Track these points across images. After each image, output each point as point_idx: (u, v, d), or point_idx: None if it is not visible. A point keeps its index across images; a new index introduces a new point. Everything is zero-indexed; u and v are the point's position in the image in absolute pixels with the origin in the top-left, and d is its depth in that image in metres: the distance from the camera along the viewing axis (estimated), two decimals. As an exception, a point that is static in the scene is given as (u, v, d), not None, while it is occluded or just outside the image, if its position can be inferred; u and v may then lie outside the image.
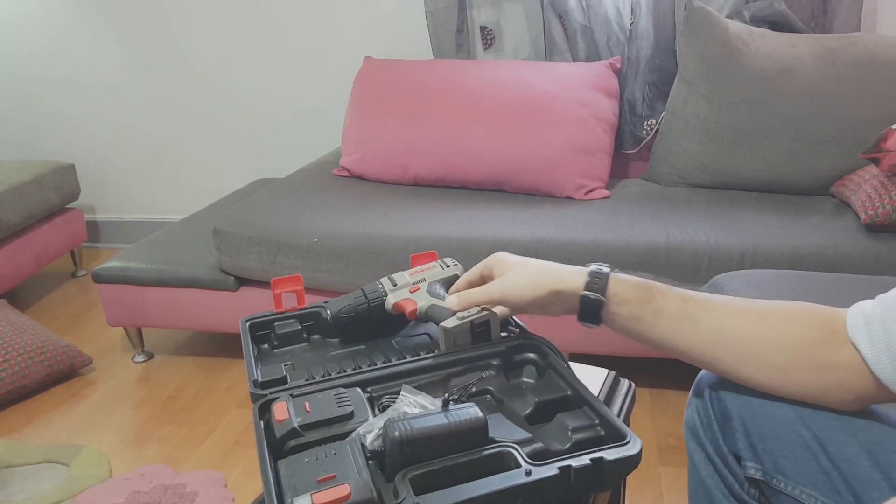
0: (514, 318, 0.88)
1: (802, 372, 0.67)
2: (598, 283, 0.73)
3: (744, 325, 0.69)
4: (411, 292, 0.89)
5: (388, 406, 0.70)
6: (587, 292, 0.73)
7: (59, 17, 2.78)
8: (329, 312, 0.89)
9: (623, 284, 0.73)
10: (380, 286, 0.90)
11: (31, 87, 2.90)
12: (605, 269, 0.74)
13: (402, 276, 0.91)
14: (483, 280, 0.83)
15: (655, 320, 0.71)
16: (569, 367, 0.77)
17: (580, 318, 0.75)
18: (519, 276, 0.77)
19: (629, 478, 0.84)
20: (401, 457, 0.60)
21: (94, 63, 2.82)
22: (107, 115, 2.89)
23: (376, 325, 0.90)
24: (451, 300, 0.82)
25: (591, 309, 0.73)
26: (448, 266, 0.94)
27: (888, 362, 0.63)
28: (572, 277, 0.74)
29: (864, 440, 0.65)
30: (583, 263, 0.77)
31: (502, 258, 0.81)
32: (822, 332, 0.67)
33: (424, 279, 0.91)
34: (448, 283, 0.92)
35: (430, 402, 0.68)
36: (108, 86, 2.84)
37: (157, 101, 2.83)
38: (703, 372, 0.79)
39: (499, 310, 0.83)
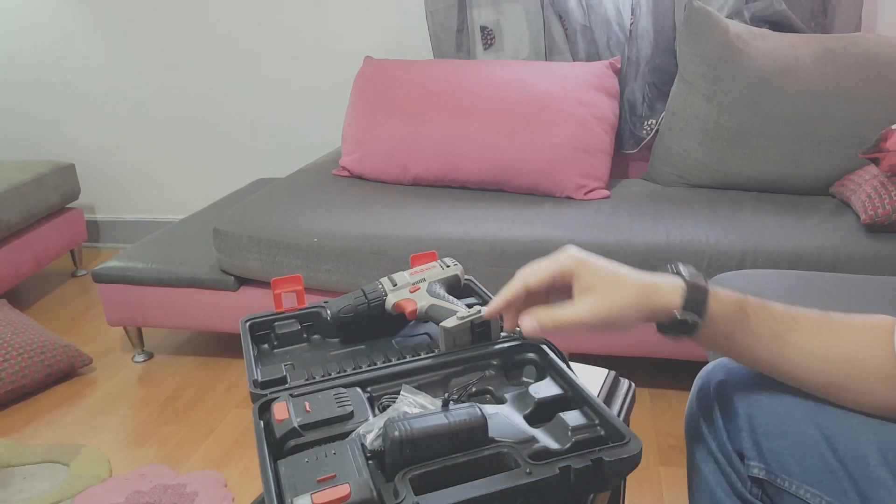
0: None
1: (879, 392, 0.65)
2: (696, 301, 0.66)
3: (829, 345, 0.66)
4: (411, 292, 0.89)
5: (388, 406, 0.70)
6: (687, 314, 0.65)
7: (59, 20, 2.78)
8: (329, 312, 0.89)
9: (720, 302, 0.67)
10: (380, 286, 0.90)
11: (31, 88, 2.90)
12: (702, 283, 0.67)
13: (402, 276, 0.91)
14: (554, 286, 0.69)
15: (746, 341, 0.67)
16: (569, 366, 0.77)
17: (666, 333, 0.68)
18: (619, 294, 0.66)
19: (629, 478, 0.84)
20: (401, 457, 0.60)
21: (94, 64, 2.82)
22: (107, 114, 2.89)
23: (376, 325, 0.90)
24: (529, 324, 0.68)
25: (687, 330, 0.66)
26: (448, 266, 0.94)
27: None
28: (670, 293, 0.66)
29: (873, 438, 0.64)
30: None
31: (587, 263, 0.68)
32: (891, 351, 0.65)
33: (424, 279, 0.91)
34: (448, 283, 0.92)
35: (430, 402, 0.68)
36: (108, 86, 2.84)
37: (158, 101, 2.83)
38: (706, 368, 0.79)
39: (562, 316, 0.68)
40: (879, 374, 0.64)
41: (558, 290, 0.69)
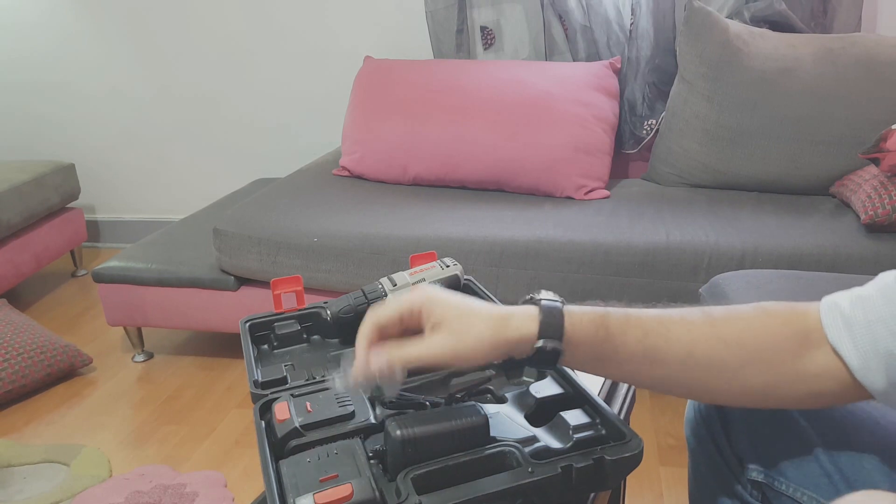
0: None
1: (778, 386, 0.62)
2: (552, 325, 0.61)
3: (712, 347, 0.62)
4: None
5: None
6: (543, 341, 0.60)
7: (60, 21, 2.78)
8: (329, 313, 0.89)
9: (578, 322, 0.62)
10: (380, 286, 0.90)
11: (32, 88, 2.90)
12: (556, 304, 0.62)
13: (402, 277, 0.91)
14: (404, 326, 0.64)
15: (616, 359, 0.62)
16: (570, 366, 0.77)
17: (533, 366, 0.65)
18: (466, 329, 0.61)
19: (629, 478, 0.84)
20: (402, 456, 0.60)
21: (94, 64, 2.82)
22: (107, 115, 2.89)
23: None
24: (379, 361, 0.61)
25: (548, 359, 0.61)
26: (448, 266, 0.94)
27: (876, 371, 0.58)
28: (525, 322, 0.61)
29: (869, 442, 0.65)
30: (582, 263, 0.73)
31: (437, 299, 0.63)
32: (797, 341, 0.61)
33: (424, 279, 0.91)
34: (448, 283, 0.92)
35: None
36: (109, 86, 2.84)
37: (158, 101, 2.83)
38: None
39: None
40: (775, 366, 0.61)
41: (411, 331, 0.64)
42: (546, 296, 0.63)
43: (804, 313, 0.63)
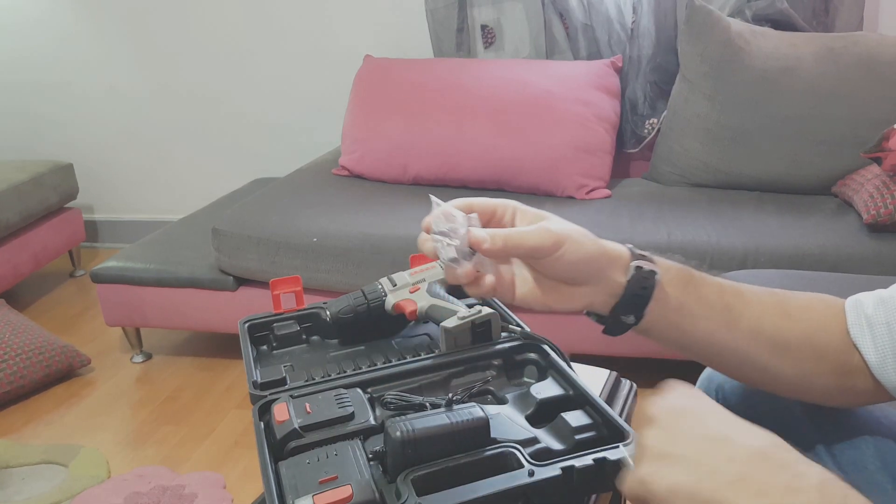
0: (515, 317, 0.87)
1: (826, 376, 0.63)
2: (644, 256, 0.61)
3: (779, 323, 0.62)
4: (411, 293, 0.88)
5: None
6: (641, 262, 0.60)
7: (59, 21, 2.78)
8: (328, 313, 0.89)
9: (664, 265, 0.62)
10: (379, 286, 0.89)
11: (30, 88, 2.90)
12: (648, 258, 0.62)
13: (402, 277, 0.90)
14: (494, 224, 0.63)
15: (699, 310, 0.61)
16: (570, 367, 0.77)
17: (620, 309, 0.61)
18: (569, 227, 0.59)
19: (631, 479, 0.83)
20: (402, 457, 0.60)
21: (92, 64, 2.81)
22: (105, 114, 2.88)
23: (376, 326, 0.89)
24: (480, 234, 0.58)
25: (637, 295, 0.60)
26: None
27: (893, 368, 0.61)
28: (618, 247, 0.61)
29: (872, 442, 0.64)
30: None
31: (523, 207, 0.62)
32: (840, 331, 0.64)
33: (424, 279, 0.90)
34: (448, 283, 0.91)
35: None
36: (107, 86, 2.84)
37: (156, 100, 2.82)
38: (707, 370, 0.78)
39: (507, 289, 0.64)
40: (826, 354, 0.63)
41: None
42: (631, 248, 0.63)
43: (839, 307, 0.65)
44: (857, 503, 0.42)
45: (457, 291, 0.92)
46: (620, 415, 0.95)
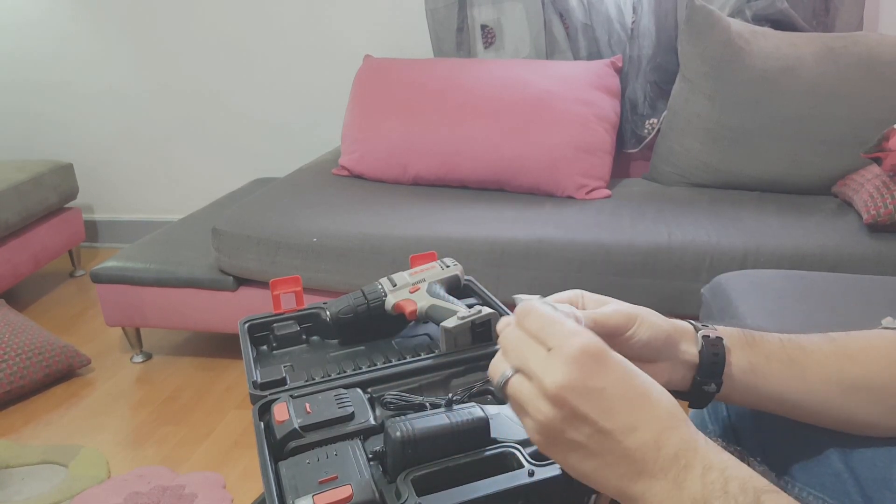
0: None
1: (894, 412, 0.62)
2: (705, 326, 0.62)
3: (844, 366, 0.62)
4: (411, 293, 0.88)
5: None
6: (704, 332, 0.61)
7: (58, 20, 2.78)
8: (328, 313, 0.89)
9: (726, 331, 0.62)
10: (379, 286, 0.89)
11: (30, 87, 2.90)
12: (714, 333, 0.63)
13: (402, 277, 0.90)
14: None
15: (768, 368, 0.62)
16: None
17: (701, 379, 0.62)
18: (634, 305, 0.63)
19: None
20: (402, 457, 0.59)
21: (92, 63, 2.81)
22: (105, 114, 2.88)
23: (376, 326, 0.89)
24: (573, 323, 0.56)
25: (713, 363, 0.61)
26: (448, 266, 0.93)
27: None
28: (680, 321, 0.63)
29: (882, 440, 0.64)
30: (584, 263, 0.72)
31: (588, 294, 0.64)
32: None
33: (424, 279, 0.90)
34: (448, 283, 0.91)
35: None
36: (107, 86, 2.83)
37: (156, 100, 2.82)
38: None
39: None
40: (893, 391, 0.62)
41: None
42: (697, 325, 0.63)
43: None
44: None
45: (456, 292, 0.93)
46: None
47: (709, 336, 0.62)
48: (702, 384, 0.62)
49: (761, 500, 0.44)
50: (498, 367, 0.52)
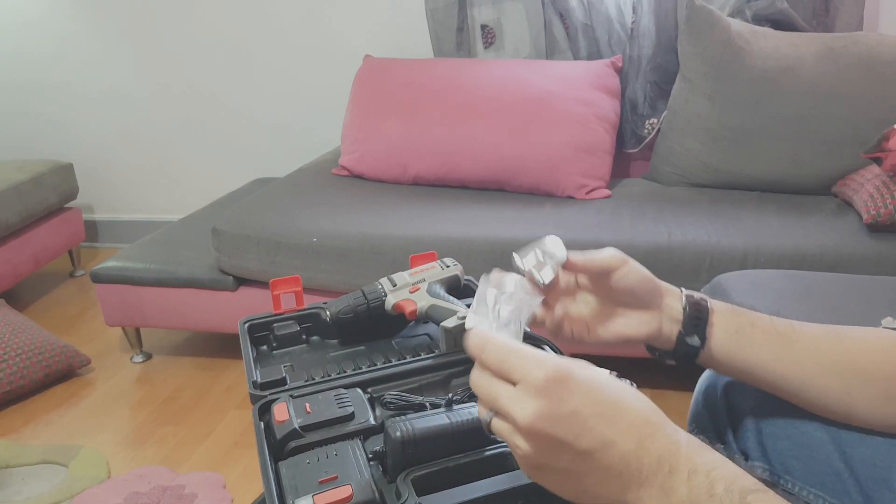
0: None
1: (875, 399, 0.63)
2: (698, 318, 0.66)
3: (834, 347, 0.64)
4: (411, 293, 0.88)
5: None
6: (689, 292, 0.67)
7: (58, 20, 2.78)
8: (328, 313, 0.89)
9: (714, 301, 0.67)
10: (379, 286, 0.89)
11: (30, 87, 2.89)
12: (701, 298, 0.68)
13: (402, 277, 0.90)
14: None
15: (752, 333, 0.65)
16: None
17: (685, 331, 0.66)
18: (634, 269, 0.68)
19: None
20: (402, 457, 0.59)
21: (92, 64, 2.81)
22: (105, 114, 2.88)
23: (376, 326, 0.89)
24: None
25: (697, 317, 0.65)
26: (448, 266, 0.93)
27: None
28: (673, 298, 0.68)
29: (881, 441, 0.64)
30: None
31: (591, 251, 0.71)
32: None
33: (424, 279, 0.90)
34: (448, 283, 0.91)
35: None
36: (107, 85, 2.83)
37: (156, 100, 2.82)
38: (705, 375, 0.78)
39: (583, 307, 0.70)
40: (887, 386, 0.62)
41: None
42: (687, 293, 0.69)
43: None
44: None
45: (456, 292, 0.93)
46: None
47: (693, 295, 0.67)
48: (685, 336, 0.65)
49: (747, 501, 0.44)
50: (480, 413, 0.53)
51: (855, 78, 1.84)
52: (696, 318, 0.66)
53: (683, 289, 0.69)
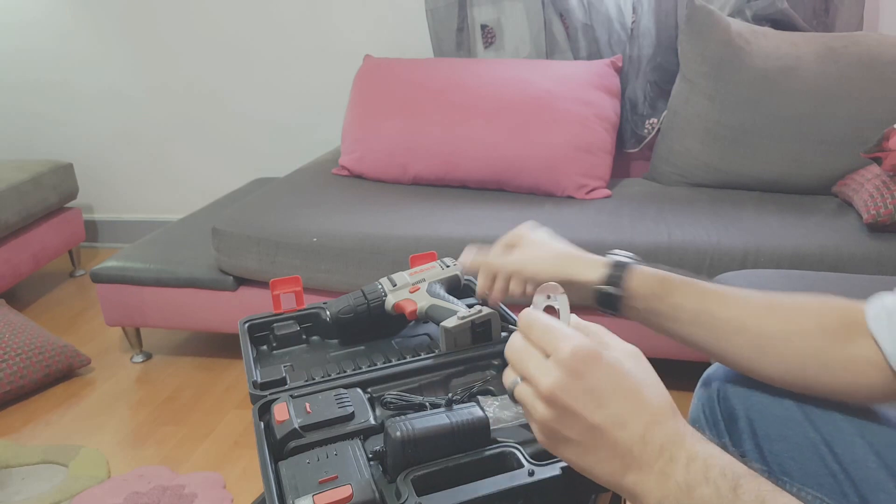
0: (515, 317, 0.87)
1: (818, 367, 0.66)
2: (616, 276, 0.72)
3: (760, 318, 0.68)
4: (411, 292, 0.88)
5: None
6: (603, 287, 0.72)
7: (58, 20, 2.77)
8: (329, 313, 0.89)
9: (641, 278, 0.72)
10: (379, 286, 0.89)
11: (30, 87, 2.89)
12: (626, 261, 0.73)
13: (402, 277, 0.90)
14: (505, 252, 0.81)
15: (673, 315, 0.70)
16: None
17: (598, 306, 0.74)
18: (538, 253, 0.76)
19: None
20: (402, 457, 0.59)
21: (92, 63, 2.81)
22: (105, 114, 2.88)
23: (376, 326, 0.89)
24: (465, 257, 0.80)
25: (608, 302, 0.73)
26: (448, 266, 0.93)
27: None
28: (590, 269, 0.74)
29: (873, 442, 0.64)
30: None
31: (527, 233, 0.80)
32: (838, 325, 0.66)
33: (424, 279, 0.90)
34: (448, 283, 0.91)
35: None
36: (107, 85, 2.83)
37: (156, 100, 2.82)
38: (709, 370, 0.78)
39: (514, 288, 0.80)
40: (808, 345, 0.65)
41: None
42: (622, 253, 0.75)
43: (851, 304, 0.68)
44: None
45: (456, 292, 0.93)
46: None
47: (604, 292, 0.73)
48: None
49: (739, 484, 0.46)
50: (507, 376, 0.56)
51: (855, 78, 1.84)
52: (615, 275, 0.73)
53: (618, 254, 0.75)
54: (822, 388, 0.67)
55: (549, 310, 0.58)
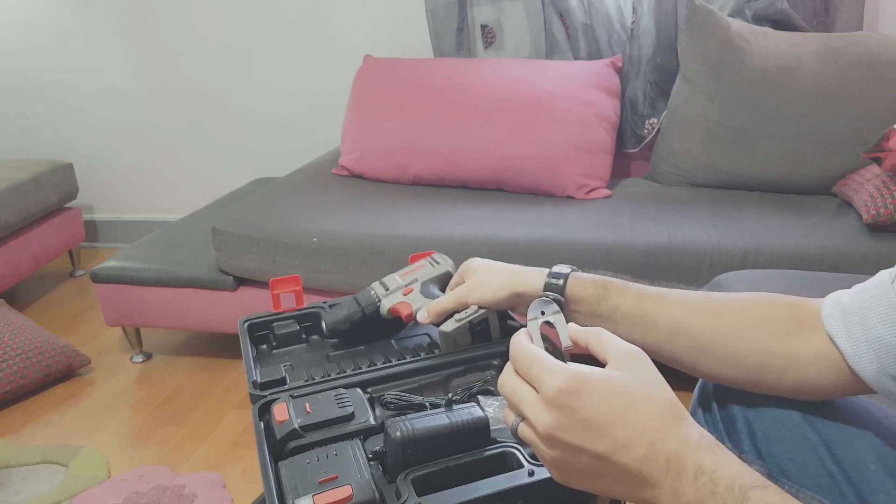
0: (515, 316, 0.87)
1: (763, 365, 0.66)
2: (556, 284, 0.75)
3: (701, 320, 0.69)
4: (404, 295, 0.88)
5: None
6: (545, 294, 0.75)
7: (58, 20, 2.77)
8: (324, 325, 0.88)
9: (581, 283, 0.74)
10: (372, 292, 0.89)
11: (30, 87, 2.89)
12: (566, 270, 0.76)
13: (394, 279, 0.90)
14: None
15: (612, 317, 0.72)
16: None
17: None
18: (483, 279, 0.80)
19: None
20: (402, 457, 0.59)
21: (92, 63, 2.81)
22: (105, 114, 2.88)
23: (374, 330, 0.89)
24: (422, 315, 0.84)
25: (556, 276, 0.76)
26: (438, 263, 0.92)
27: (867, 356, 0.61)
28: (532, 279, 0.77)
29: (872, 442, 0.64)
30: (584, 263, 0.78)
31: (471, 263, 0.84)
32: (784, 322, 0.66)
33: (416, 279, 0.89)
34: (440, 280, 0.91)
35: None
36: (107, 85, 2.83)
37: (156, 100, 2.82)
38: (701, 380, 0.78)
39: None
40: (755, 345, 0.66)
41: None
42: (560, 266, 0.77)
43: (805, 304, 0.68)
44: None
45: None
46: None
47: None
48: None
49: (748, 496, 0.46)
50: (508, 416, 0.57)
51: (855, 78, 1.84)
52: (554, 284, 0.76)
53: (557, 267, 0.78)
54: (772, 386, 0.67)
55: (546, 325, 0.58)
